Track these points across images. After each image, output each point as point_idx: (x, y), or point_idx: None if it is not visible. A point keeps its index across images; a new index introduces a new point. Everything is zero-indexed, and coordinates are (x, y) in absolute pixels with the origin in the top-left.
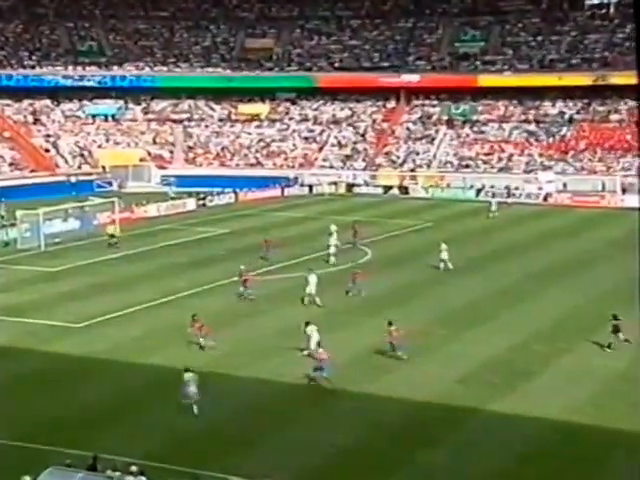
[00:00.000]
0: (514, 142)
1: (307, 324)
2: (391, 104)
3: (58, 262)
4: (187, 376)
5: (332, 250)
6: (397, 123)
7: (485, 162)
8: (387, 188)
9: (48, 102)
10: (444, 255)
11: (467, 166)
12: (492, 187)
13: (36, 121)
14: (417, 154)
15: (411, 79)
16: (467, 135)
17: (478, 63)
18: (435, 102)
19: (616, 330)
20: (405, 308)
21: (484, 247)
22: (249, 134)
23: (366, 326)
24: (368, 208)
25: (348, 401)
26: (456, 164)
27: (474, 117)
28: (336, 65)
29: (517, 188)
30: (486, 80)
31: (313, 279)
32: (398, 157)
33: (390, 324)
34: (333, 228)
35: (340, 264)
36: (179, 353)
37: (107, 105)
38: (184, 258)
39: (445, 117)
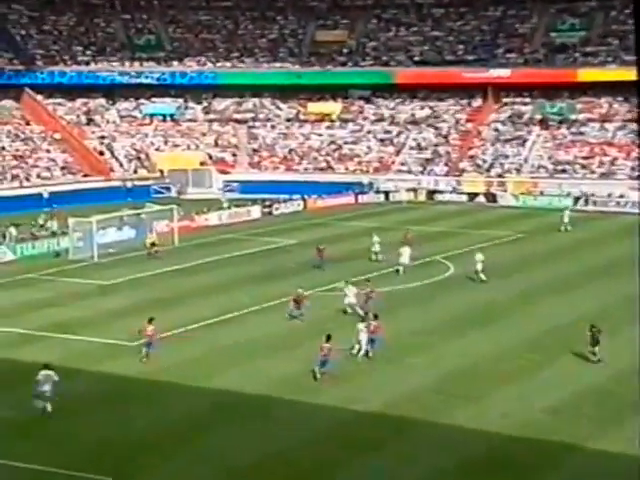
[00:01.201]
0: (618, 144)
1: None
2: (477, 102)
3: (112, 274)
4: (42, 374)
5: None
6: (484, 123)
7: (584, 167)
8: (472, 195)
9: (103, 101)
10: (479, 266)
11: (563, 171)
12: (592, 195)
13: (90, 121)
14: (506, 157)
15: (500, 74)
16: (564, 136)
17: (577, 55)
18: (527, 99)
19: (595, 342)
20: (488, 329)
21: (580, 263)
22: (319, 135)
23: (446, 349)
24: (451, 217)
25: (430, 430)
26: (551, 169)
27: (572, 116)
28: (416, 59)
29: (622, 196)
30: (587, 74)
31: (351, 291)
32: (485, 161)
33: (328, 339)
34: (375, 239)
35: (416, 279)
36: (240, 375)
37: (166, 104)
38: (247, 271)
39: (539, 116)
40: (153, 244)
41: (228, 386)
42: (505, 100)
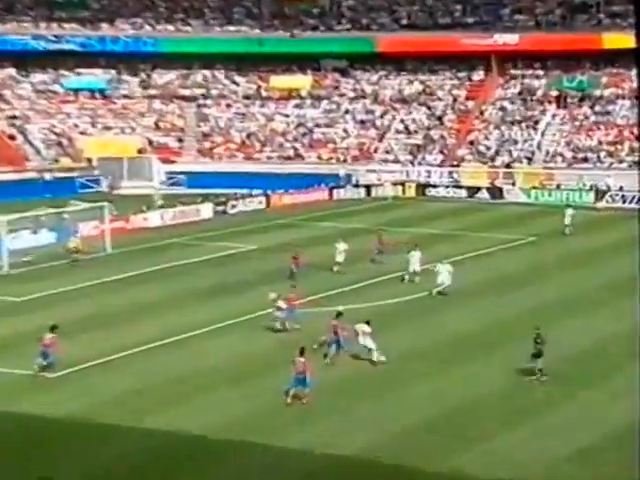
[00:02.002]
0: None
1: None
2: (479, 75)
3: (27, 288)
4: None
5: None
6: (487, 101)
7: (611, 154)
8: (473, 190)
9: (13, 72)
10: (440, 279)
11: (585, 159)
12: (620, 189)
13: None
14: (515, 143)
15: (507, 40)
16: (585, 117)
17: (602, 16)
18: (540, 72)
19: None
20: (494, 354)
21: (602, 274)
22: (285, 116)
23: (442, 378)
24: (447, 217)
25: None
26: (569, 157)
27: (596, 92)
28: (403, 22)
29: None
30: (613, 39)
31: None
32: (488, 148)
33: (302, 352)
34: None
35: (405, 293)
36: (188, 412)
37: (94, 77)
38: (196, 283)
39: (554, 92)
40: (76, 250)
41: (173, 426)
42: (513, 72)
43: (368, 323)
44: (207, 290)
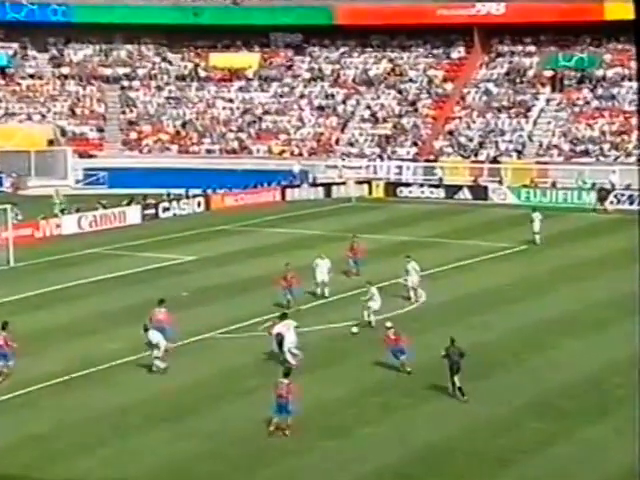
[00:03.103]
0: None
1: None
2: (459, 52)
3: None
4: None
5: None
6: (469, 83)
7: (616, 146)
8: (453, 189)
9: None
10: (410, 281)
11: (585, 153)
12: (627, 187)
13: None
14: (502, 134)
15: (492, 10)
16: (586, 102)
17: None
18: (531, 48)
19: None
20: (476, 386)
21: (607, 290)
22: (228, 101)
23: (414, 415)
24: (421, 221)
25: None
26: (567, 150)
27: (597, 72)
28: None
29: None
30: (618, 9)
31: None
32: (470, 139)
33: (287, 374)
34: (320, 262)
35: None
36: (106, 461)
37: None
38: (119, 303)
39: (549, 72)
40: None
41: (87, 477)
42: (499, 49)
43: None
44: (130, 312)
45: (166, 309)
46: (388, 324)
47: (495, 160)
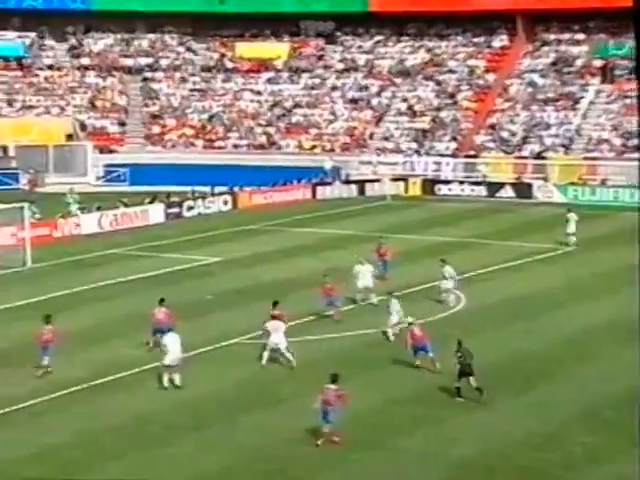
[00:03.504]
0: None
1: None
2: (501, 41)
3: None
4: None
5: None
6: (512, 74)
7: None
8: (495, 187)
9: None
10: (447, 285)
11: (638, 148)
12: None
13: None
14: (548, 128)
15: None
16: (638, 93)
17: None
18: (580, 35)
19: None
20: (520, 395)
21: None
22: (256, 93)
23: (451, 426)
24: (461, 221)
25: None
26: (618, 144)
27: None
28: None
29: None
30: None
31: (395, 307)
32: (513, 134)
33: (335, 380)
34: (361, 268)
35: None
36: (124, 470)
37: (7, 40)
38: (140, 307)
39: (598, 62)
40: None
41: None
42: (545, 37)
43: (279, 317)
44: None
45: (166, 309)
46: (410, 319)
47: (540, 156)
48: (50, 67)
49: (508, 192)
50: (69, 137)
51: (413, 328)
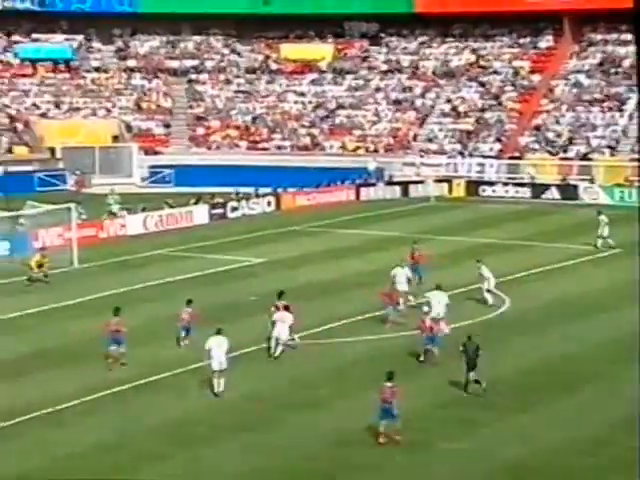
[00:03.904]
0: None
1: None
2: (547, 41)
3: None
4: None
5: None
6: (558, 75)
7: None
8: (540, 188)
9: None
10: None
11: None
12: None
13: None
14: (594, 129)
15: None
16: None
17: None
18: (627, 35)
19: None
20: (567, 398)
21: None
22: (300, 95)
23: (498, 427)
24: (505, 222)
25: None
26: None
27: None
28: None
29: None
30: None
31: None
32: (559, 135)
33: (390, 377)
34: (399, 271)
35: (453, 319)
36: (169, 471)
37: (56, 44)
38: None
39: None
40: (40, 265)
41: None
42: (592, 37)
43: (288, 309)
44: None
45: (192, 309)
46: (425, 308)
47: (586, 157)
48: (97, 69)
49: (553, 194)
50: (115, 139)
51: (425, 318)
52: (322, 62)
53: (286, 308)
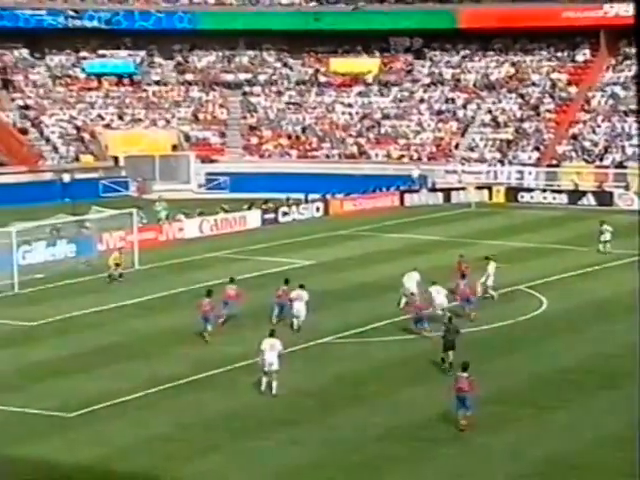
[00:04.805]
0: None
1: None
2: (584, 55)
3: (41, 311)
4: None
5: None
6: (594, 87)
7: None
8: (577, 195)
9: (25, 53)
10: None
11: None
12: None
13: (6, 84)
14: (629, 138)
15: (620, 11)
16: None
17: None
18: None
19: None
20: (610, 393)
21: None
22: (348, 106)
23: (544, 420)
24: (543, 227)
25: None
26: None
27: None
28: None
29: None
30: None
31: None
32: (595, 144)
33: (465, 368)
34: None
35: (491, 319)
36: (220, 463)
37: (120, 59)
38: (241, 307)
39: None
40: (117, 264)
41: (208, 477)
42: (627, 51)
43: (302, 287)
44: (249, 315)
45: (236, 286)
46: (414, 290)
47: (621, 165)
48: (157, 83)
49: (589, 200)
50: (174, 148)
51: (413, 299)
52: (369, 75)
53: (301, 287)
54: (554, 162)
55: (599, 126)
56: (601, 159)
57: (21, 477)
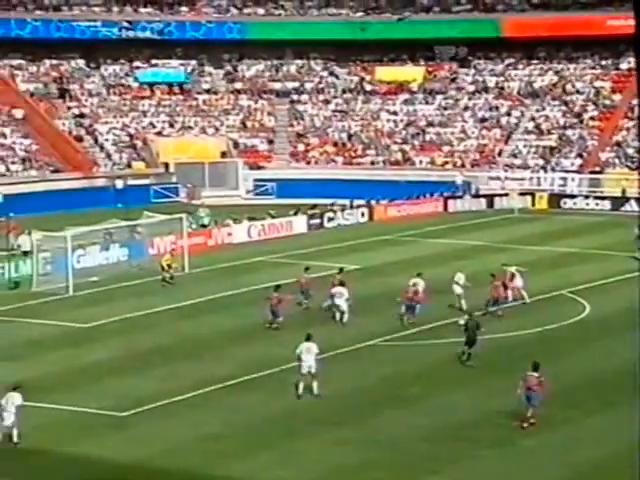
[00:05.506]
0: None
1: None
2: (628, 63)
3: (95, 313)
4: (9, 396)
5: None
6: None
7: None
8: (619, 201)
9: (81, 63)
10: (458, 289)
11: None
12: None
13: (63, 93)
14: None
15: None
16: None
17: None
18: None
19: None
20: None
21: None
22: (393, 114)
23: (588, 426)
24: (586, 233)
25: None
26: None
27: None
28: (534, 1)
29: None
30: None
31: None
32: (638, 151)
33: (536, 368)
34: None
35: (534, 324)
36: (270, 462)
37: (172, 68)
38: (287, 310)
39: None
40: (169, 266)
41: (258, 477)
42: None
43: (343, 284)
44: (295, 318)
45: (278, 293)
46: (412, 281)
47: None
48: (207, 91)
49: (632, 206)
50: (223, 154)
51: (409, 288)
52: (413, 83)
53: (342, 284)
54: (597, 169)
55: None
56: None
57: (76, 476)
